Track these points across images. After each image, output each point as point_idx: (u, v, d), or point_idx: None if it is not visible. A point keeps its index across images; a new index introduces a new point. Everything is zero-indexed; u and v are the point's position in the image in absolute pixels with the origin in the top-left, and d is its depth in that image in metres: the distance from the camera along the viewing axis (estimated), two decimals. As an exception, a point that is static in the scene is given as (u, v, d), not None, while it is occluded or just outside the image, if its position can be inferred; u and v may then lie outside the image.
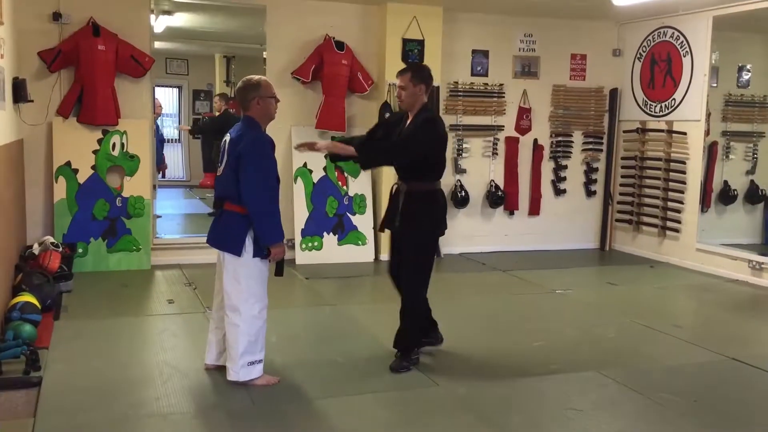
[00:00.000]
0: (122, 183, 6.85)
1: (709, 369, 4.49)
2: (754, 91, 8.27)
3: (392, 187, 4.48)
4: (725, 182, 8.11)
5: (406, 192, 4.28)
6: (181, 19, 8.74)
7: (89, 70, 6.55)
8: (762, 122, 8.25)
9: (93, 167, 6.74)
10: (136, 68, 6.78)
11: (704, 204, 7.78)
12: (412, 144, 4.19)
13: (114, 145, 6.81)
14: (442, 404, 3.84)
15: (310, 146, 4.24)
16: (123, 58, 6.68)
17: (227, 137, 3.93)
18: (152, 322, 5.28)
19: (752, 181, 8.24)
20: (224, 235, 3.89)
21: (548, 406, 3.84)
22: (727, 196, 8.12)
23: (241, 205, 3.80)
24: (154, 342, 4.84)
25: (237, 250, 3.81)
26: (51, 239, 6.31)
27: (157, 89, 8.45)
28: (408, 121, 4.30)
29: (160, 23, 8.10)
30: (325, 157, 6.25)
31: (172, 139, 13.77)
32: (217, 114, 10.43)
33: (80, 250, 6.64)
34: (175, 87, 13.52)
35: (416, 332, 4.39)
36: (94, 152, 6.75)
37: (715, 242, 7.53)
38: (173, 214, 9.83)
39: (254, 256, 3.83)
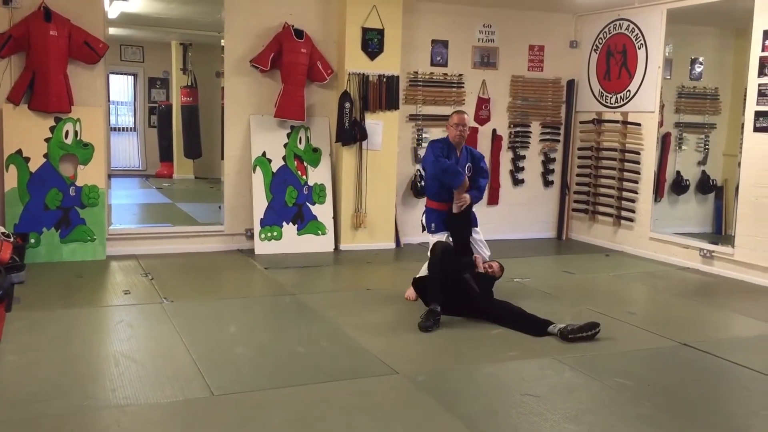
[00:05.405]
0: (76, 172, 6.71)
1: (662, 354, 4.61)
2: (706, 83, 8.48)
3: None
4: (678, 172, 8.30)
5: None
6: (137, 5, 8.58)
7: (41, 56, 6.39)
8: (713, 114, 8.46)
9: (45, 155, 6.59)
10: (89, 54, 6.64)
11: (657, 194, 7.96)
12: None
13: (67, 133, 6.66)
14: (401, 392, 3.86)
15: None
16: (76, 44, 6.54)
17: None
18: (108, 313, 5.20)
19: (704, 172, 8.45)
20: None
21: (506, 392, 3.89)
22: (679, 186, 8.32)
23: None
24: (109, 333, 4.76)
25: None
26: (2, 229, 6.13)
27: (111, 77, 8.30)
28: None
29: (114, 8, 7.95)
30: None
31: (126, 128, 13.56)
32: None
33: (32, 241, 6.49)
34: (130, 75, 13.28)
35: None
36: (47, 140, 6.60)
37: (668, 231, 7.71)
38: (129, 204, 9.67)
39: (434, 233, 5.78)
